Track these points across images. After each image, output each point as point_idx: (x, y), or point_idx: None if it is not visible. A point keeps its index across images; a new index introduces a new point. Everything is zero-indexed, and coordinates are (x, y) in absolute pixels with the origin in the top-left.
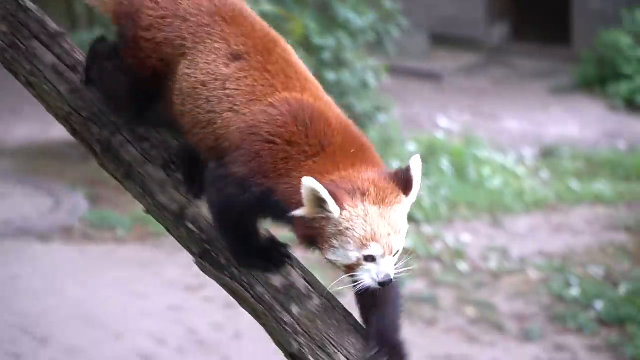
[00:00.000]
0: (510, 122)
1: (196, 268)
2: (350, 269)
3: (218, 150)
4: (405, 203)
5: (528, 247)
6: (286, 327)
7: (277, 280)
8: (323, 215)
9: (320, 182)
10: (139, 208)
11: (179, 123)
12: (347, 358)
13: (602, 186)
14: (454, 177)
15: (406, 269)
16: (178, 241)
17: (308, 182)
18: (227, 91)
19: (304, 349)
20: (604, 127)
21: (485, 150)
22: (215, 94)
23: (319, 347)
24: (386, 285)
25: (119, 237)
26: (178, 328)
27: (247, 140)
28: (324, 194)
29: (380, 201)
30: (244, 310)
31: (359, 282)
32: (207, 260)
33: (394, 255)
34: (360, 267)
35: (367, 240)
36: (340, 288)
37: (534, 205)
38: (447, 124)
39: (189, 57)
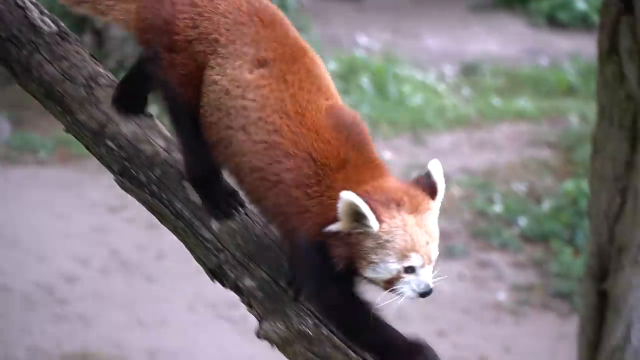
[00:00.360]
0: (430, 40)
1: (119, 189)
2: (390, 283)
3: (240, 186)
4: (434, 209)
5: (450, 164)
6: (206, 243)
7: (196, 196)
8: (361, 230)
9: (356, 194)
10: (61, 130)
11: (207, 139)
12: (267, 273)
13: (523, 102)
14: (375, 95)
15: (441, 277)
16: (98, 159)
17: (347, 196)
18: (245, 102)
19: (224, 264)
20: (525, 43)
21: (406, 68)
22: (234, 104)
23: (239, 262)
24: (427, 296)
25: (42, 160)
26: (101, 249)
27: (270, 191)
28: (364, 208)
29: (415, 209)
30: (166, 229)
31: (400, 296)
32: (126, 178)
33: (431, 264)
34: (400, 279)
35: (407, 251)
36: (383, 304)
37: (456, 122)
38: (367, 42)
39: (219, 60)
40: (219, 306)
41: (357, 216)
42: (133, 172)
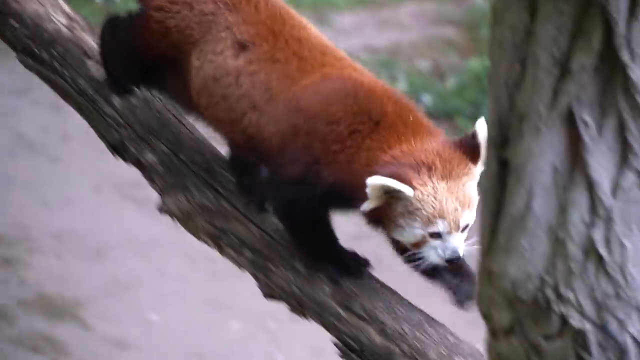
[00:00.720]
0: None
1: (24, 71)
2: (417, 246)
3: (254, 149)
4: (474, 173)
5: (354, 42)
6: (108, 119)
7: (98, 73)
8: (390, 199)
9: (382, 161)
10: None
11: (201, 115)
12: (167, 147)
13: None
14: None
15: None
16: (1, 39)
17: (374, 181)
18: (243, 89)
19: (125, 139)
20: None
21: None
22: (230, 92)
23: (140, 137)
24: (454, 262)
25: None
26: (6, 132)
27: (289, 139)
28: (395, 184)
29: (448, 175)
30: (71, 111)
31: (425, 259)
32: (29, 56)
33: (462, 231)
34: (426, 244)
35: (434, 217)
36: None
37: (359, 2)
38: None
39: (198, 48)
40: (123, 186)
41: (388, 191)
42: (36, 51)
